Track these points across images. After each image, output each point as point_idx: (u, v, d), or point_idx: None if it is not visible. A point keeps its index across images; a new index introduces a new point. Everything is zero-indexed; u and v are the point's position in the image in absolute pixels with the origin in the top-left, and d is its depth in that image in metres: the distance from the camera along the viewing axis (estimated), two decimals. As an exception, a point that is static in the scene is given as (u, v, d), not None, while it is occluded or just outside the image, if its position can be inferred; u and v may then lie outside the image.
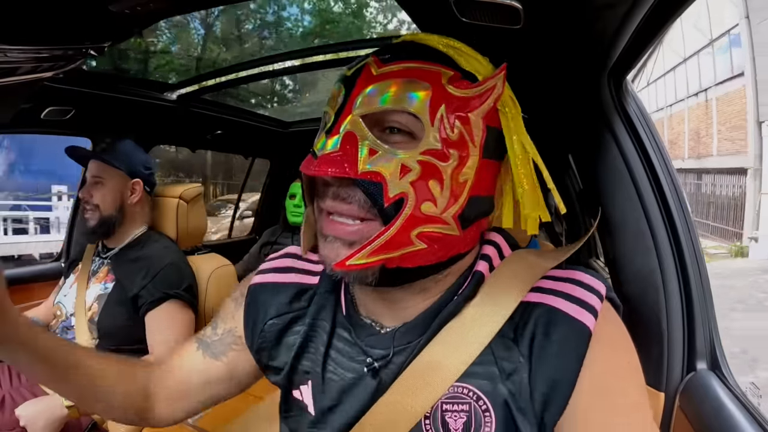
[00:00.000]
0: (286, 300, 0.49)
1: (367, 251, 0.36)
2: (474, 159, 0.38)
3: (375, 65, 0.38)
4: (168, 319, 1.11)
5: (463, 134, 0.37)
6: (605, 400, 0.37)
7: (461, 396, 0.39)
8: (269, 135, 2.13)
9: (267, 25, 1.81)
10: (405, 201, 0.36)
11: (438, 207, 0.37)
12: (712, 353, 0.65)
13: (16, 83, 0.81)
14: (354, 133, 0.36)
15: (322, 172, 0.36)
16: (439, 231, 0.37)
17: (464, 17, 0.55)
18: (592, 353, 0.37)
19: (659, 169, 0.71)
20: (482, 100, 0.39)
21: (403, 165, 0.35)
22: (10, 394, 1.04)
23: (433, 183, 0.36)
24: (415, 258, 0.37)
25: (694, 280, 0.67)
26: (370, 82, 0.38)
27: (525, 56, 0.67)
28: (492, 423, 0.38)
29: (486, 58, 0.43)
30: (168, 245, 1.24)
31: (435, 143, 0.36)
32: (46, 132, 1.48)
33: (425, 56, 0.39)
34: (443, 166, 0.36)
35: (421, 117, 0.36)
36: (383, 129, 0.37)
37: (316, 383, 0.45)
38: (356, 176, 0.35)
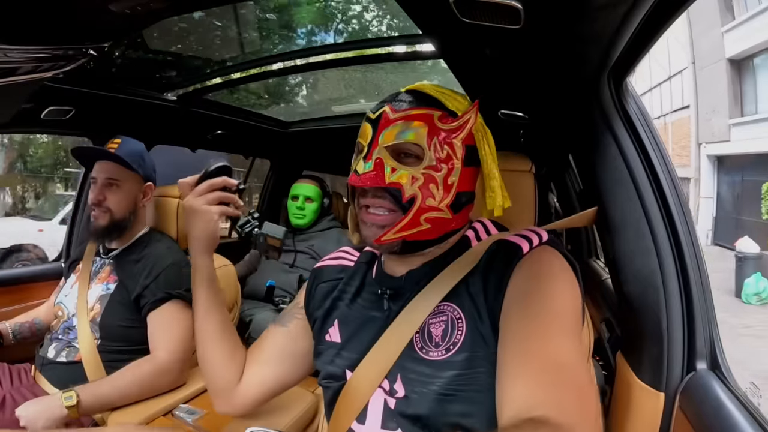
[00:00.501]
0: (332, 273, 0.71)
1: (394, 231, 0.56)
2: (458, 168, 0.58)
3: (391, 111, 0.58)
4: (170, 319, 1.11)
5: (449, 153, 0.57)
6: (523, 294, 0.51)
7: (442, 311, 0.56)
8: (269, 135, 2.13)
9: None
10: (416, 199, 0.55)
11: (436, 200, 0.56)
12: (712, 353, 0.66)
13: (16, 83, 0.81)
14: (381, 159, 0.56)
15: (364, 183, 0.56)
16: (438, 216, 0.57)
17: (464, 17, 0.55)
18: (521, 266, 0.53)
19: (659, 170, 0.71)
20: (461, 129, 0.58)
21: (413, 176, 0.55)
22: (11, 394, 1.04)
23: (432, 186, 0.56)
24: (423, 234, 0.57)
25: (694, 280, 0.67)
26: (388, 123, 0.57)
27: (525, 56, 0.67)
28: (463, 325, 0.54)
29: (464, 95, 0.62)
30: (170, 245, 1.24)
31: (431, 161, 0.56)
32: (46, 132, 1.48)
33: (423, 102, 0.58)
34: (438, 175, 0.56)
35: (422, 145, 0.56)
36: (399, 154, 0.57)
37: (343, 320, 0.64)
38: (385, 185, 0.56)
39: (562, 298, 0.51)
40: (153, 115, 1.55)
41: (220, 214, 0.67)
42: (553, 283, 0.52)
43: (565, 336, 0.48)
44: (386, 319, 0.58)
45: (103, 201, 1.16)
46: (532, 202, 0.86)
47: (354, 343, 0.61)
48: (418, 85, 0.61)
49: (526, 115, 1.00)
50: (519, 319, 0.49)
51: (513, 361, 0.47)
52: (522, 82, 0.82)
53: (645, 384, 0.69)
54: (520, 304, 0.50)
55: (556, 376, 0.44)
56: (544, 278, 0.52)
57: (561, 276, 0.53)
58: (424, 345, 0.55)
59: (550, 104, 0.91)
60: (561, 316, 0.49)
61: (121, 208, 1.18)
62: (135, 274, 1.14)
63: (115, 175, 1.18)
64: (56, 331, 1.16)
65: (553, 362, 0.45)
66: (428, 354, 0.54)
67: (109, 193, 1.17)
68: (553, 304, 0.50)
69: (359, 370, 0.57)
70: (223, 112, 1.76)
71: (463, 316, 0.54)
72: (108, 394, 0.99)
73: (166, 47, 1.32)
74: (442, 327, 0.54)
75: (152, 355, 1.08)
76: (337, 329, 0.64)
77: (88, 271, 1.21)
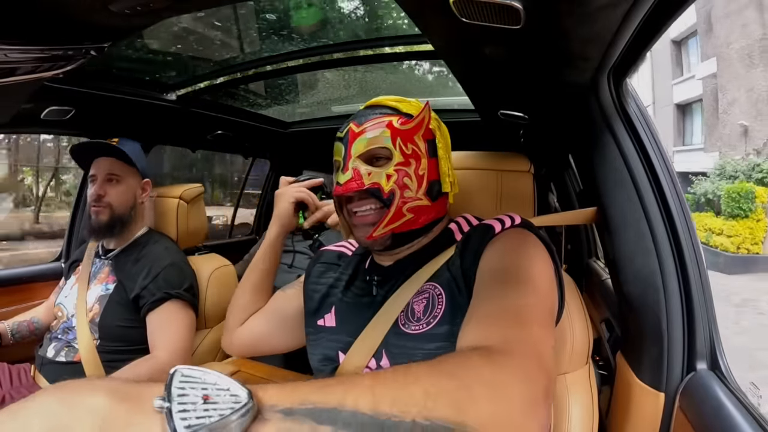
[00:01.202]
0: (331, 257, 0.80)
1: (383, 225, 0.62)
2: (424, 161, 0.64)
3: (355, 126, 0.65)
4: (169, 319, 1.11)
5: (414, 149, 0.64)
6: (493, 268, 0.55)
7: (424, 290, 0.61)
8: (269, 135, 2.13)
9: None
10: (395, 193, 0.62)
11: (413, 191, 0.63)
12: (712, 353, 0.65)
13: (16, 83, 0.81)
14: (357, 167, 0.63)
15: (347, 190, 0.63)
16: (418, 204, 0.63)
17: (464, 17, 0.55)
18: (494, 241, 0.58)
19: (659, 170, 0.71)
20: (419, 127, 0.65)
21: (388, 174, 0.62)
22: (10, 394, 1.04)
23: (406, 179, 0.62)
24: (409, 224, 0.63)
25: (694, 280, 0.67)
26: (356, 136, 0.64)
27: (525, 56, 0.67)
28: (443, 300, 0.58)
29: (416, 101, 0.69)
30: (169, 246, 1.24)
31: (400, 158, 0.63)
32: (46, 132, 1.48)
33: (381, 111, 0.66)
34: (408, 169, 0.63)
35: (388, 147, 0.63)
36: (371, 159, 0.64)
37: (339, 306, 0.70)
38: (365, 187, 0.62)
39: (533, 266, 0.53)
40: (153, 115, 1.55)
41: (295, 198, 0.82)
42: (525, 253, 0.55)
43: (533, 295, 0.49)
44: (376, 304, 0.64)
45: (104, 196, 1.16)
46: (531, 202, 0.86)
47: (347, 327, 0.66)
48: (374, 100, 0.69)
49: (526, 115, 1.00)
50: (489, 280, 0.53)
51: (476, 312, 0.49)
52: (522, 82, 0.81)
53: (645, 384, 0.69)
54: (492, 270, 0.54)
55: (511, 318, 0.45)
56: (517, 250, 0.56)
57: (533, 250, 0.56)
58: (407, 321, 0.59)
59: (550, 104, 0.91)
60: (531, 280, 0.51)
61: (122, 202, 1.18)
62: (134, 274, 1.14)
63: (116, 170, 1.18)
64: (56, 331, 1.16)
65: (512, 309, 0.46)
66: (410, 328, 0.59)
67: (110, 187, 1.17)
68: (523, 269, 0.52)
69: (351, 352, 0.62)
70: (223, 112, 1.76)
71: (443, 292, 0.59)
72: (107, 394, 0.99)
73: (166, 47, 1.32)
74: (424, 303, 0.60)
75: (152, 355, 1.08)
76: (333, 316, 0.70)
77: (88, 272, 1.21)
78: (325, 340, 0.68)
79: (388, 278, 0.66)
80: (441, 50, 0.75)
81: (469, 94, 0.95)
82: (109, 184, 1.17)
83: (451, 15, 0.54)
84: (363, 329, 0.62)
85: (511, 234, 0.59)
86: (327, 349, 0.67)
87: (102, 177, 1.18)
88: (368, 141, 0.63)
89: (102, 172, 1.18)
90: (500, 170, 0.89)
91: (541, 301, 0.50)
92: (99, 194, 1.16)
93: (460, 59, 0.77)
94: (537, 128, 1.17)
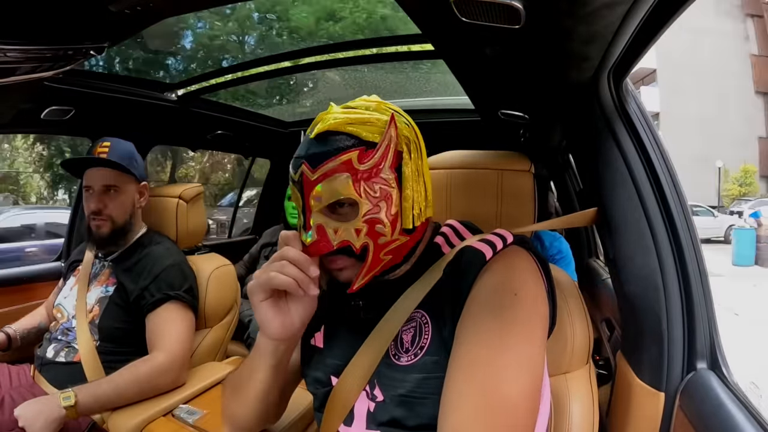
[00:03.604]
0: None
1: (361, 278, 0.56)
2: (396, 193, 0.56)
3: (309, 171, 0.55)
4: (169, 319, 1.11)
5: (382, 188, 0.55)
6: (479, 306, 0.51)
7: (412, 318, 0.57)
8: (269, 135, 2.13)
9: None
10: (368, 246, 0.55)
11: (387, 235, 0.55)
12: (712, 353, 0.65)
13: (16, 83, 0.81)
14: (321, 224, 0.54)
15: (314, 253, 0.54)
16: (395, 245, 0.57)
17: (464, 17, 0.55)
18: (482, 274, 0.53)
19: (659, 170, 0.71)
20: (383, 158, 0.55)
21: (356, 229, 0.54)
22: (10, 394, 1.04)
23: (378, 227, 0.55)
24: (388, 264, 0.58)
25: (694, 280, 0.67)
26: (312, 185, 0.54)
27: (525, 56, 0.67)
28: (429, 330, 0.55)
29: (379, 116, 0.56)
30: (169, 246, 1.24)
31: (368, 206, 0.54)
32: (46, 132, 1.48)
33: (337, 146, 0.54)
34: (379, 215, 0.55)
35: (352, 197, 0.53)
36: (334, 208, 0.55)
37: (328, 325, 0.65)
38: (333, 248, 0.54)
39: (521, 308, 0.50)
40: (153, 115, 1.55)
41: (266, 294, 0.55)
42: (515, 284, 0.52)
43: (516, 354, 0.47)
44: (364, 329, 0.59)
45: (104, 209, 1.13)
46: (532, 202, 0.86)
47: (336, 349, 0.62)
48: (327, 125, 0.55)
49: (526, 115, 1.00)
50: (471, 336, 0.50)
51: (457, 387, 0.47)
52: (522, 82, 0.81)
53: (645, 384, 0.69)
54: (475, 319, 0.50)
55: (496, 415, 0.44)
56: (503, 290, 0.51)
57: (523, 284, 0.52)
58: (397, 351, 0.56)
59: (550, 104, 0.91)
60: (516, 332, 0.49)
61: (122, 213, 1.16)
62: (133, 276, 1.14)
63: (112, 180, 1.14)
64: (55, 332, 1.16)
65: (494, 398, 0.45)
66: (399, 359, 0.55)
67: (108, 200, 1.14)
68: (509, 318, 0.49)
69: (344, 377, 0.59)
70: (223, 112, 1.76)
71: (429, 321, 0.56)
72: (106, 395, 0.99)
73: (166, 47, 1.32)
74: (411, 333, 0.56)
75: (151, 356, 1.08)
76: (322, 334, 0.66)
77: (87, 273, 1.21)
78: (315, 362, 0.65)
79: (374, 302, 0.61)
80: (441, 50, 0.75)
81: (469, 94, 0.95)
82: (107, 196, 1.14)
83: (451, 15, 0.54)
84: (353, 354, 0.59)
85: (502, 260, 0.54)
86: (318, 372, 0.64)
87: (98, 189, 1.14)
88: (327, 192, 0.53)
89: (98, 183, 1.14)
90: (500, 169, 0.89)
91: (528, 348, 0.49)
92: (98, 208, 1.13)
93: (460, 59, 0.77)
94: (537, 128, 1.17)
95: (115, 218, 1.15)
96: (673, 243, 0.69)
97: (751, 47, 15.24)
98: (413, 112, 1.71)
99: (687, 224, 0.69)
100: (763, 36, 14.56)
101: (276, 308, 0.54)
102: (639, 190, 0.71)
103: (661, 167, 0.72)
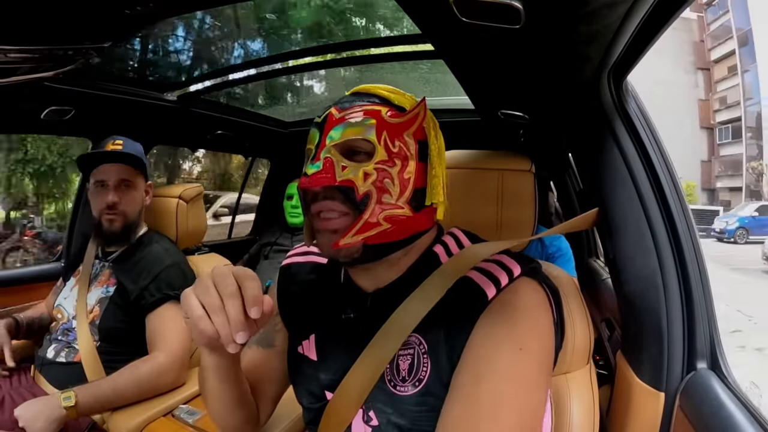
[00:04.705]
0: (303, 272, 0.67)
1: (352, 233, 0.51)
2: (413, 163, 0.54)
3: (336, 111, 0.54)
4: (168, 320, 1.11)
5: (402, 148, 0.53)
6: (481, 359, 0.47)
7: (410, 343, 0.53)
8: (269, 135, 2.13)
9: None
10: (370, 196, 0.51)
11: (393, 197, 0.52)
12: (712, 353, 0.65)
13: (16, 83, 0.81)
14: (330, 158, 0.52)
15: (313, 184, 0.51)
16: (398, 214, 0.52)
17: (464, 17, 0.55)
18: (485, 316, 0.50)
19: (659, 170, 0.71)
20: (411, 123, 0.55)
21: (365, 172, 0.51)
22: (10, 395, 1.04)
23: (387, 182, 0.52)
24: (385, 235, 0.52)
25: (694, 280, 0.67)
26: (335, 123, 0.54)
27: (525, 56, 0.67)
28: (428, 362, 0.52)
29: (412, 95, 0.59)
30: (168, 247, 1.24)
31: (384, 155, 0.52)
32: (46, 132, 1.48)
33: (369, 99, 0.55)
34: (392, 170, 0.52)
35: (371, 140, 0.52)
36: (349, 152, 0.53)
37: (319, 335, 0.61)
38: (335, 183, 0.51)
39: (527, 365, 0.47)
40: (153, 115, 1.55)
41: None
42: (518, 347, 0.47)
43: (517, 410, 0.45)
44: (358, 344, 0.55)
45: (118, 203, 1.14)
46: (533, 202, 0.86)
47: (331, 362, 0.58)
48: (363, 87, 0.58)
49: (526, 115, 0.99)
50: (470, 389, 0.46)
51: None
52: (522, 82, 0.81)
53: (645, 384, 0.69)
54: (475, 372, 0.47)
55: None
56: (505, 344, 0.48)
57: (529, 336, 0.48)
58: (393, 378, 0.53)
59: (550, 104, 0.91)
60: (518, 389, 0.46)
61: (134, 209, 1.18)
62: (133, 276, 1.14)
63: (128, 175, 1.17)
64: (55, 332, 1.16)
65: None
66: (396, 388, 0.52)
67: (123, 195, 1.15)
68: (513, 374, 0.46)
69: (339, 394, 0.55)
70: (223, 112, 1.76)
71: (428, 353, 0.52)
72: (106, 395, 0.99)
73: (166, 47, 1.32)
74: (409, 361, 0.53)
75: (151, 356, 1.08)
76: (312, 344, 0.61)
77: (88, 273, 1.21)
78: (307, 374, 0.61)
79: (368, 314, 0.57)
80: (441, 50, 0.75)
81: (469, 94, 0.95)
82: (122, 191, 1.15)
83: (451, 15, 0.54)
84: (348, 369, 0.55)
85: (506, 302, 0.50)
86: (312, 385, 0.60)
87: (114, 183, 1.15)
88: (348, 129, 0.52)
89: (113, 178, 1.15)
90: (501, 169, 0.89)
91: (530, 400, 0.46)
92: (114, 202, 1.13)
93: (460, 59, 0.77)
94: (537, 128, 1.17)
95: (128, 214, 1.16)
96: (673, 243, 0.69)
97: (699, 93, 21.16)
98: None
99: (687, 224, 0.69)
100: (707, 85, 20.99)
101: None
102: (639, 190, 0.71)
103: (661, 167, 0.72)
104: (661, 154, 0.73)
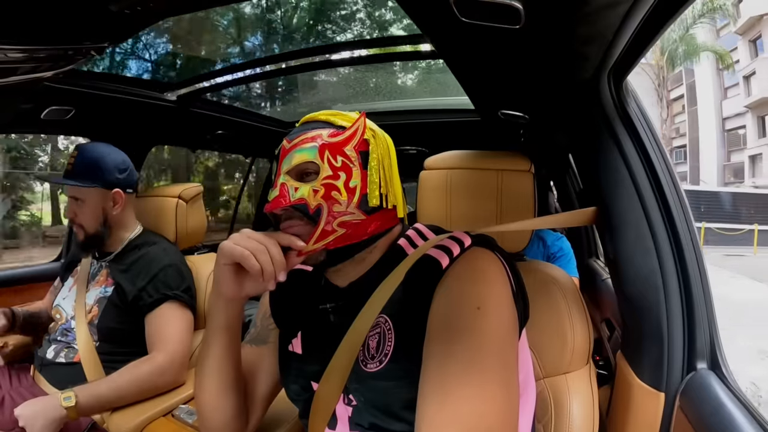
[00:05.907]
0: (292, 279, 0.71)
1: (312, 242, 0.57)
2: (356, 172, 0.60)
3: (287, 143, 0.62)
4: (167, 319, 1.11)
5: (344, 161, 0.59)
6: (444, 323, 0.52)
7: (377, 324, 0.59)
8: (269, 135, 2.13)
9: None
10: (321, 208, 0.58)
11: (343, 205, 0.58)
12: (712, 353, 0.65)
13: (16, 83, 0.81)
14: (285, 183, 0.59)
15: (272, 207, 0.59)
16: (350, 219, 0.59)
17: (464, 17, 0.55)
18: (441, 284, 0.55)
19: (659, 170, 0.71)
20: (350, 138, 0.61)
21: (314, 189, 0.58)
22: (10, 395, 1.04)
23: (335, 193, 0.58)
24: (343, 239, 0.59)
25: (694, 280, 0.67)
26: (286, 153, 0.61)
27: (525, 56, 0.67)
28: (392, 337, 0.57)
29: (355, 113, 0.64)
30: (166, 247, 1.24)
31: (328, 171, 0.58)
32: (46, 132, 1.48)
33: (313, 126, 0.62)
34: (337, 182, 0.58)
35: (315, 161, 0.59)
36: (300, 175, 0.60)
37: (305, 330, 0.67)
38: (290, 203, 0.58)
39: (486, 322, 0.51)
40: (153, 115, 1.54)
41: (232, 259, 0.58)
42: (475, 306, 0.52)
43: (486, 375, 0.47)
44: (336, 333, 0.61)
45: (75, 218, 1.17)
46: (532, 202, 0.87)
47: (315, 354, 0.64)
48: (309, 116, 0.66)
49: (526, 115, 1.00)
50: (437, 358, 0.50)
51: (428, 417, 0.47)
52: (522, 82, 0.81)
53: (645, 384, 0.69)
54: (439, 339, 0.51)
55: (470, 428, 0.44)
56: (463, 305, 0.52)
57: (485, 294, 0.53)
58: (365, 357, 0.58)
59: (550, 104, 0.91)
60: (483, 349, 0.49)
61: (91, 222, 1.17)
62: (131, 276, 1.14)
63: (75, 192, 1.16)
64: (54, 333, 1.16)
65: (468, 417, 0.45)
66: (367, 366, 0.57)
67: (76, 209, 1.17)
68: (474, 331, 0.50)
69: (323, 382, 0.61)
70: (223, 112, 1.76)
71: (392, 327, 0.57)
72: (106, 395, 0.99)
73: (166, 47, 1.32)
74: (377, 339, 0.58)
75: (150, 356, 1.08)
76: (299, 340, 0.67)
77: (86, 274, 1.21)
78: (294, 369, 0.66)
79: (342, 305, 0.63)
80: (441, 50, 0.75)
81: (469, 94, 0.95)
82: (76, 206, 1.17)
83: (451, 15, 0.54)
84: (330, 358, 0.60)
85: (460, 268, 0.56)
86: (300, 379, 0.65)
87: (69, 199, 1.18)
88: (296, 156, 0.59)
89: (68, 194, 1.18)
90: (500, 169, 0.89)
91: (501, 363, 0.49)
92: (70, 217, 1.17)
93: (460, 59, 0.77)
94: (537, 128, 1.17)
95: (85, 227, 1.17)
96: (673, 243, 0.69)
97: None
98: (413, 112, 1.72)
99: (687, 224, 0.69)
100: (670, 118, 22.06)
101: (234, 275, 0.57)
102: (639, 190, 0.71)
103: (661, 167, 0.72)
104: (661, 154, 0.73)
